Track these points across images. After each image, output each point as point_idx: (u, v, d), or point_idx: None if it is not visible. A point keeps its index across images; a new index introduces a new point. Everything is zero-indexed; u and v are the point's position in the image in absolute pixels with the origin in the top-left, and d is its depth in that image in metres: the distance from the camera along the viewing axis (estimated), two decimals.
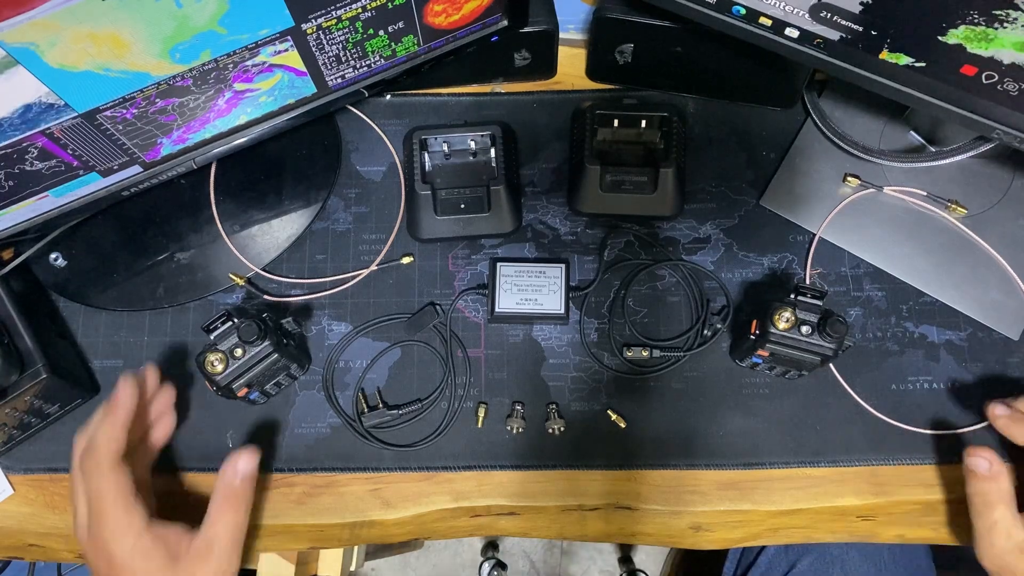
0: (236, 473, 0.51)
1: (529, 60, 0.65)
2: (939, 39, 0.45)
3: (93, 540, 0.49)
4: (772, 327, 0.52)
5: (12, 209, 0.52)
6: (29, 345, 0.56)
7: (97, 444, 0.49)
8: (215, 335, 0.52)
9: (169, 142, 0.53)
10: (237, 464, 0.52)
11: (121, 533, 0.48)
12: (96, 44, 0.42)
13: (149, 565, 0.48)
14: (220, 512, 0.50)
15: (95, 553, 0.49)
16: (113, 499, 0.48)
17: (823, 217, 0.64)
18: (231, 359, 0.52)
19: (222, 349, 0.52)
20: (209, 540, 0.50)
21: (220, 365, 0.52)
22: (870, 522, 0.59)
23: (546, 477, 0.60)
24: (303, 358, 0.60)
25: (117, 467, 0.49)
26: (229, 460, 0.52)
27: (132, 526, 0.48)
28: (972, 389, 0.60)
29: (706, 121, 0.67)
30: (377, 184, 0.66)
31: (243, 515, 0.51)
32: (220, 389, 0.53)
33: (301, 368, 0.59)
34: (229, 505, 0.51)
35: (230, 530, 0.50)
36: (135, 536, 0.48)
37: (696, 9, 0.53)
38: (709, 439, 0.60)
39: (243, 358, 0.53)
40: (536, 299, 0.61)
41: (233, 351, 0.52)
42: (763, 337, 0.53)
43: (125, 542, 0.48)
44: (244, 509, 0.51)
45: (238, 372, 0.53)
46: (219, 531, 0.50)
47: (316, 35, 0.50)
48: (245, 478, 0.52)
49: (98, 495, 0.49)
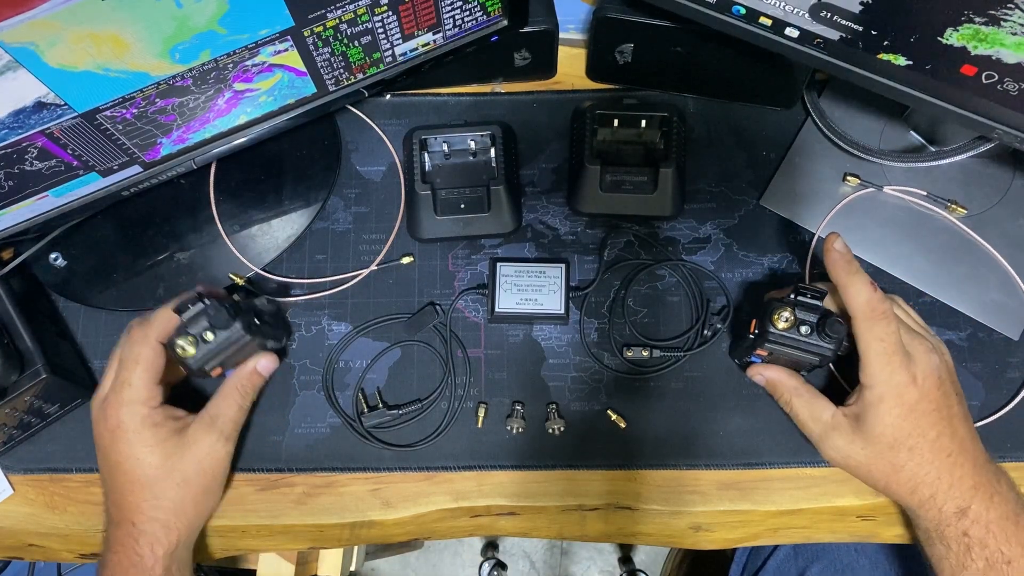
0: (251, 367, 0.56)
1: (529, 60, 0.65)
2: (939, 39, 0.45)
3: (105, 408, 0.52)
4: (771, 327, 0.52)
5: (12, 209, 0.52)
6: (29, 345, 0.56)
7: (154, 319, 0.54)
8: (186, 316, 0.52)
9: (169, 142, 0.53)
10: (259, 362, 0.56)
11: (139, 402, 0.52)
12: (96, 44, 0.42)
13: (157, 432, 0.52)
14: (225, 396, 0.55)
15: (105, 420, 0.52)
16: (144, 369, 0.52)
17: (823, 217, 0.64)
18: (201, 343, 0.52)
19: (192, 333, 0.52)
20: (213, 415, 0.54)
21: (191, 349, 0.52)
22: (870, 522, 0.59)
23: (546, 477, 0.60)
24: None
25: (159, 347, 0.53)
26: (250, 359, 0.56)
27: (150, 400, 0.53)
28: (972, 389, 0.60)
29: (706, 121, 0.67)
30: (377, 184, 0.66)
31: (247, 403, 0.56)
32: (192, 372, 0.53)
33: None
34: (236, 392, 0.55)
35: (233, 411, 0.55)
36: (149, 408, 0.52)
37: (696, 9, 0.53)
38: (709, 439, 0.60)
39: (213, 341, 0.52)
40: (536, 299, 0.61)
41: (203, 335, 0.52)
42: (762, 337, 0.53)
43: (140, 411, 0.52)
44: (249, 399, 0.56)
45: (209, 355, 0.52)
46: (223, 409, 0.55)
47: (315, 35, 0.50)
48: (258, 373, 0.56)
49: (133, 361, 0.52)
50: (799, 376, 0.56)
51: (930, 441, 0.50)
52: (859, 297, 0.50)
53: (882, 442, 0.51)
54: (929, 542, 0.52)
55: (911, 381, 0.50)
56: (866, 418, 0.51)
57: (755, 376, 0.58)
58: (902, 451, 0.50)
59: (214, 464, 0.54)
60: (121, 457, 0.52)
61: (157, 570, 0.51)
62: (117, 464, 0.52)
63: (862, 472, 0.53)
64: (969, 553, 0.49)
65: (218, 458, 0.54)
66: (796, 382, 0.56)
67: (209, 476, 0.54)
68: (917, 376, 0.50)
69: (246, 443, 0.60)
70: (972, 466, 0.50)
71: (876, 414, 0.50)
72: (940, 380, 0.51)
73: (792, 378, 0.56)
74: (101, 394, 0.54)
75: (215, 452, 0.54)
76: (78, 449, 0.60)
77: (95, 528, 0.60)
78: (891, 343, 0.50)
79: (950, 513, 0.50)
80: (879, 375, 0.50)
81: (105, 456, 0.53)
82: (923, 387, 0.50)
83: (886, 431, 0.50)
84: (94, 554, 0.60)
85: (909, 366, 0.50)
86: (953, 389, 0.52)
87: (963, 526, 0.49)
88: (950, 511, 0.50)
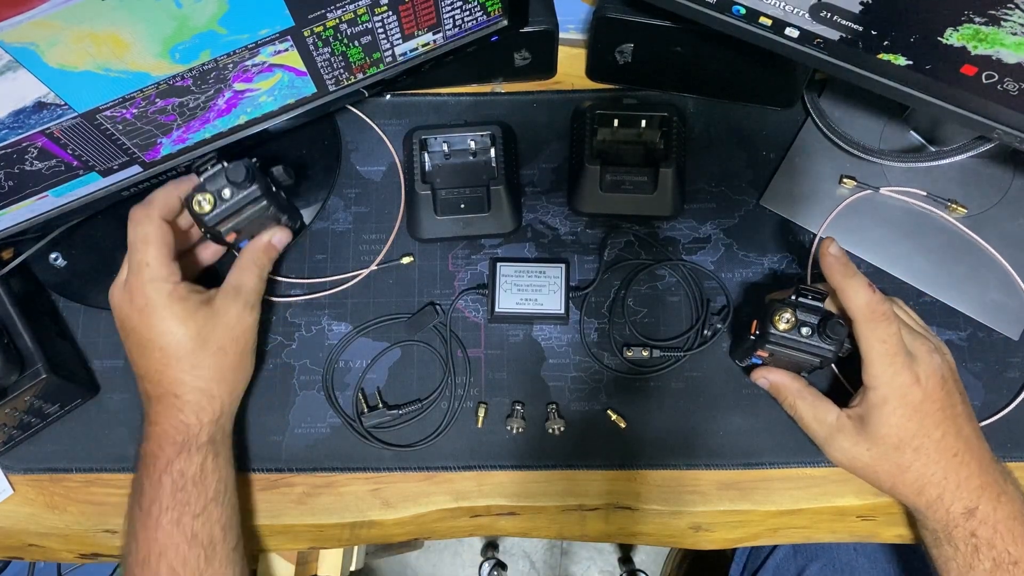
0: (266, 239, 0.57)
1: (529, 60, 0.65)
2: (939, 39, 0.45)
3: (129, 290, 0.52)
4: (772, 328, 0.52)
5: (12, 209, 0.52)
6: (29, 345, 0.56)
7: (154, 198, 0.53)
8: (204, 177, 0.52)
9: (169, 142, 0.53)
10: (273, 235, 0.57)
11: (161, 279, 0.52)
12: (96, 44, 0.42)
13: (186, 305, 0.52)
14: (244, 268, 0.56)
15: (130, 303, 0.52)
16: (155, 247, 0.52)
17: (823, 217, 0.64)
18: (219, 200, 0.52)
19: (210, 190, 0.52)
20: (236, 286, 0.55)
21: (208, 205, 0.52)
22: (870, 522, 0.59)
23: (546, 477, 0.60)
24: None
25: (164, 223, 0.53)
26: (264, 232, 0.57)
27: (171, 276, 0.52)
28: (972, 389, 0.60)
29: (706, 121, 0.67)
30: (377, 184, 0.66)
31: (264, 273, 0.57)
32: (208, 230, 0.53)
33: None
34: (254, 264, 0.56)
35: (254, 280, 0.56)
36: (173, 284, 0.52)
37: (696, 9, 0.53)
38: (709, 439, 0.60)
39: (231, 200, 0.52)
40: (536, 299, 0.61)
41: (221, 192, 0.52)
42: (763, 338, 0.53)
43: (164, 287, 0.52)
44: (266, 270, 0.57)
45: (226, 213, 0.52)
46: (244, 280, 0.55)
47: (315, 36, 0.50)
48: (273, 245, 0.57)
49: (143, 241, 0.52)
50: (802, 379, 0.56)
51: (935, 441, 0.50)
52: (858, 299, 0.50)
53: (887, 443, 0.51)
54: (936, 543, 0.52)
55: (914, 381, 0.50)
56: (870, 419, 0.51)
57: (759, 380, 0.58)
58: (907, 451, 0.50)
59: (245, 331, 0.55)
60: (154, 334, 0.52)
61: (203, 437, 0.52)
62: (151, 341, 0.52)
63: (868, 473, 0.53)
64: (977, 554, 0.49)
65: (247, 326, 0.55)
66: (799, 385, 0.56)
67: (242, 343, 0.55)
68: (920, 376, 0.50)
69: (246, 443, 0.60)
70: (978, 465, 0.50)
71: (880, 415, 0.50)
72: (943, 380, 0.51)
73: (795, 381, 0.56)
74: (120, 280, 0.54)
75: (244, 320, 0.55)
76: (78, 449, 0.60)
77: (95, 528, 0.60)
78: (893, 344, 0.50)
79: (958, 514, 0.50)
80: (882, 376, 0.50)
81: (137, 337, 0.53)
82: (926, 387, 0.50)
83: (891, 432, 0.50)
84: (94, 554, 0.60)
85: (912, 366, 0.50)
86: (956, 388, 0.52)
87: (971, 527, 0.49)
88: (958, 511, 0.50)
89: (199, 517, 0.51)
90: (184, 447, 0.51)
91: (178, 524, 0.50)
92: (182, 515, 0.50)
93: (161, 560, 0.49)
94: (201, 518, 0.51)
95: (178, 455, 0.51)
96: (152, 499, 0.50)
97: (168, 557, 0.49)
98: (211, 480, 0.52)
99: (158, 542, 0.49)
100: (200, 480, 0.51)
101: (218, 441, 0.53)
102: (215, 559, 0.51)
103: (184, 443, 0.51)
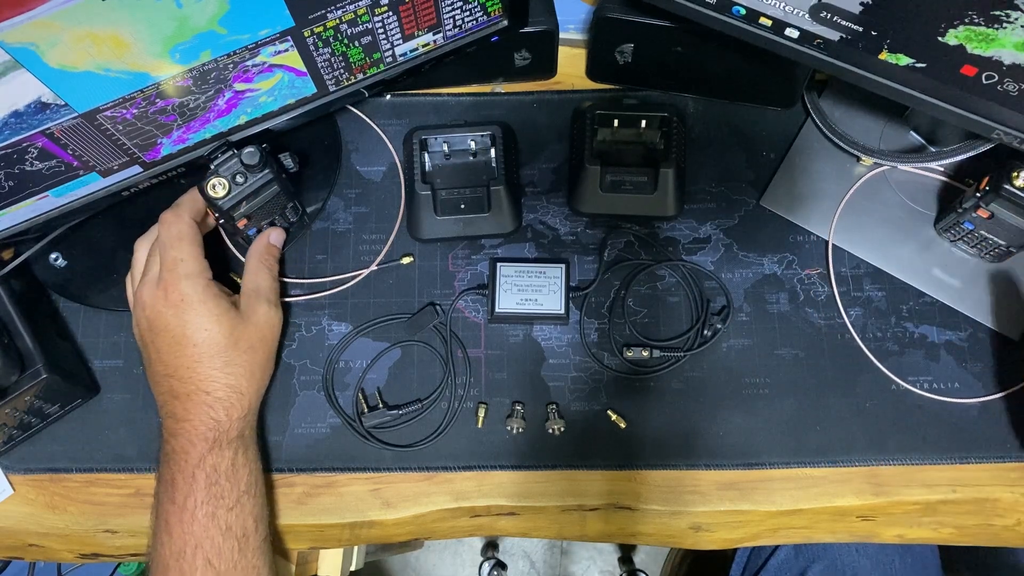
0: (264, 242, 0.59)
1: (529, 60, 0.65)
2: (939, 39, 0.45)
3: (164, 287, 0.53)
4: (1008, 183, 0.48)
5: (12, 209, 0.52)
6: (29, 345, 0.56)
7: (182, 201, 0.56)
8: (216, 164, 0.54)
9: (169, 142, 0.53)
10: (269, 236, 0.60)
11: (197, 275, 0.54)
12: (96, 44, 0.42)
13: (219, 303, 0.54)
14: (255, 271, 0.59)
15: (164, 300, 0.53)
16: (190, 244, 0.54)
17: (823, 217, 0.64)
18: (233, 185, 0.54)
19: (224, 175, 0.54)
20: (254, 288, 0.58)
21: (223, 190, 0.54)
22: (870, 522, 0.59)
23: (546, 477, 0.60)
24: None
25: (194, 224, 0.56)
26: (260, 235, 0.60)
27: (204, 272, 0.55)
28: (972, 389, 0.60)
29: (706, 121, 0.67)
30: (377, 184, 0.66)
31: (275, 272, 0.60)
32: (222, 214, 0.55)
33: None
34: (262, 265, 0.59)
35: (269, 280, 0.59)
36: (207, 281, 0.54)
37: (696, 9, 0.53)
38: (709, 439, 0.60)
39: (244, 184, 0.54)
40: (536, 299, 0.61)
41: (235, 177, 0.54)
42: (994, 192, 0.48)
43: (200, 282, 0.54)
44: (275, 268, 0.60)
45: (239, 197, 0.54)
46: (259, 281, 0.58)
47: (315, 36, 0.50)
48: (273, 244, 0.60)
49: (177, 239, 0.54)
50: None
51: None
52: None
53: None
54: None
55: None
56: None
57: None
58: None
59: (272, 330, 0.57)
60: (190, 330, 0.53)
61: (233, 432, 0.53)
62: (184, 337, 0.53)
63: None
64: None
65: (273, 324, 0.57)
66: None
67: (269, 342, 0.57)
68: None
69: None
70: None
71: None
72: None
73: None
74: (150, 278, 0.55)
75: (271, 319, 0.57)
76: (78, 449, 0.60)
77: (95, 528, 0.60)
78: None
79: None
80: None
81: (170, 335, 0.53)
82: None
83: None
84: (94, 554, 0.60)
85: None
86: None
87: None
88: None
89: (232, 510, 0.52)
90: (216, 443, 0.52)
91: (213, 517, 0.51)
92: (216, 508, 0.51)
93: (197, 552, 0.50)
94: (234, 511, 0.52)
95: (210, 451, 0.52)
96: (187, 494, 0.51)
97: (204, 549, 0.50)
98: (243, 474, 0.53)
99: (194, 535, 0.50)
100: (232, 474, 0.52)
101: (247, 436, 0.55)
102: (248, 550, 0.52)
103: (216, 439, 0.52)
